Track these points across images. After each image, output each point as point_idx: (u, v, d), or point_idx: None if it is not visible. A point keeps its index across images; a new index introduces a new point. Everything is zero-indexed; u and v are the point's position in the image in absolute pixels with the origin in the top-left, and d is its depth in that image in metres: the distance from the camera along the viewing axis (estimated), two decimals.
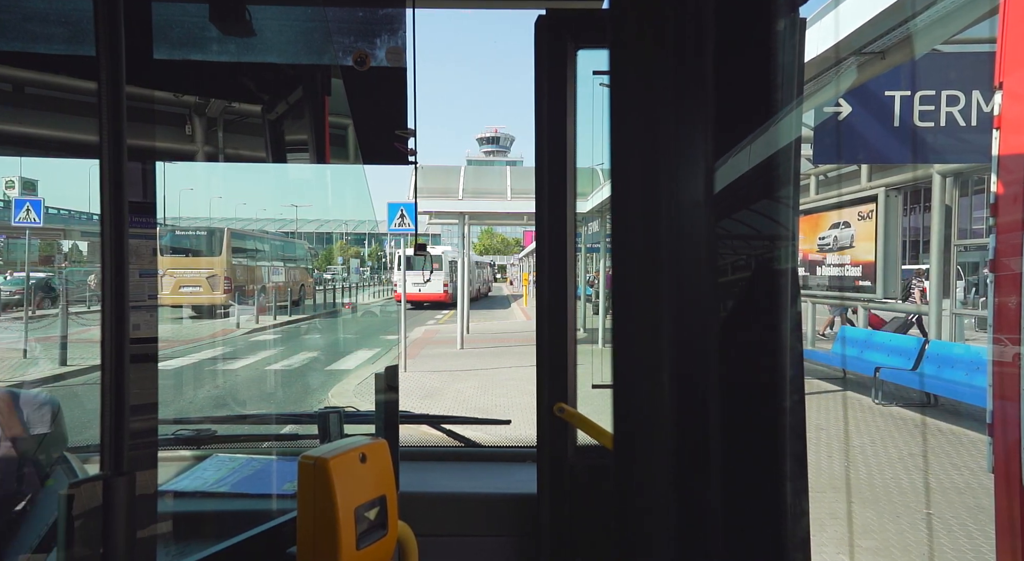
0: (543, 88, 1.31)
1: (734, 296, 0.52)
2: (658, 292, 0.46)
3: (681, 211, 0.46)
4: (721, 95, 0.47)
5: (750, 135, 0.50)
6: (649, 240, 0.46)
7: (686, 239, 0.46)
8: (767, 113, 0.50)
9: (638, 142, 0.46)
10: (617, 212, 0.47)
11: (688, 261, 0.46)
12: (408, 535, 1.07)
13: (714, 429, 0.47)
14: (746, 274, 0.53)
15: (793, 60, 0.54)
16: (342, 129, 1.26)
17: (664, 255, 0.46)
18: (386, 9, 1.18)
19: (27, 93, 1.13)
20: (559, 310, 1.37)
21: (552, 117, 1.32)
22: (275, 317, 15.48)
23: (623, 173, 0.47)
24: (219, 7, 1.07)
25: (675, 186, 0.46)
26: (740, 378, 0.50)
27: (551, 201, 1.37)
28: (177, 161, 1.17)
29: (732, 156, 0.49)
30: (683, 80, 0.46)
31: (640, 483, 0.47)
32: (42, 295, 15.97)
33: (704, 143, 0.46)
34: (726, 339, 0.49)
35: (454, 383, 8.71)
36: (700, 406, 0.46)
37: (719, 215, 0.48)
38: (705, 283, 0.47)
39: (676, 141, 0.46)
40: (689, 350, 0.46)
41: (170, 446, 1.57)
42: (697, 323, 0.47)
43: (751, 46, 0.50)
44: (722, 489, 0.47)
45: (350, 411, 1.61)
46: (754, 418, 0.50)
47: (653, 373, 0.46)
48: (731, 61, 0.48)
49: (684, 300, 0.46)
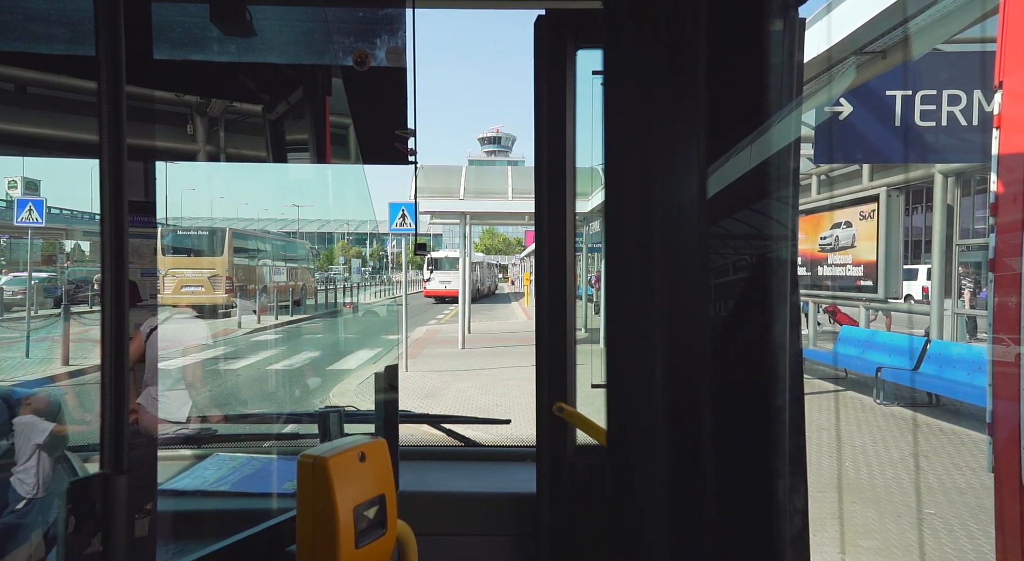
0: (543, 88, 1.31)
1: (729, 295, 0.52)
2: (651, 290, 0.46)
3: (675, 209, 0.46)
4: (716, 94, 0.47)
5: (747, 135, 0.50)
6: (643, 238, 0.46)
7: (680, 237, 0.46)
8: (763, 113, 0.50)
9: (632, 140, 0.47)
10: (611, 210, 0.47)
11: (682, 259, 0.46)
12: (407, 534, 1.07)
13: (708, 427, 0.47)
14: (743, 273, 0.53)
15: (791, 60, 0.54)
16: (342, 129, 1.27)
17: (657, 253, 0.46)
18: (386, 9, 1.18)
19: (28, 93, 1.13)
20: (559, 310, 1.37)
21: (552, 117, 1.32)
22: (276, 317, 15.49)
23: (617, 172, 0.47)
24: (220, 7, 1.08)
25: (669, 184, 0.46)
26: (735, 377, 0.50)
27: (550, 201, 1.37)
28: (178, 161, 1.17)
29: (730, 156, 0.49)
30: (678, 80, 0.46)
31: (634, 482, 0.47)
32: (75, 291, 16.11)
33: (698, 142, 0.46)
34: (721, 338, 0.49)
35: (455, 383, 8.71)
36: (694, 405, 0.46)
37: (714, 214, 0.48)
38: (699, 282, 0.47)
39: (670, 140, 0.46)
40: (683, 349, 0.46)
41: (171, 445, 1.58)
42: (691, 321, 0.47)
43: (747, 46, 0.50)
44: (717, 487, 0.47)
45: (350, 410, 1.61)
46: (750, 416, 0.50)
47: (646, 372, 0.46)
48: (727, 60, 0.48)
49: (677, 298, 0.46)
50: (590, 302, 16.87)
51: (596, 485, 1.35)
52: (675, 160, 0.45)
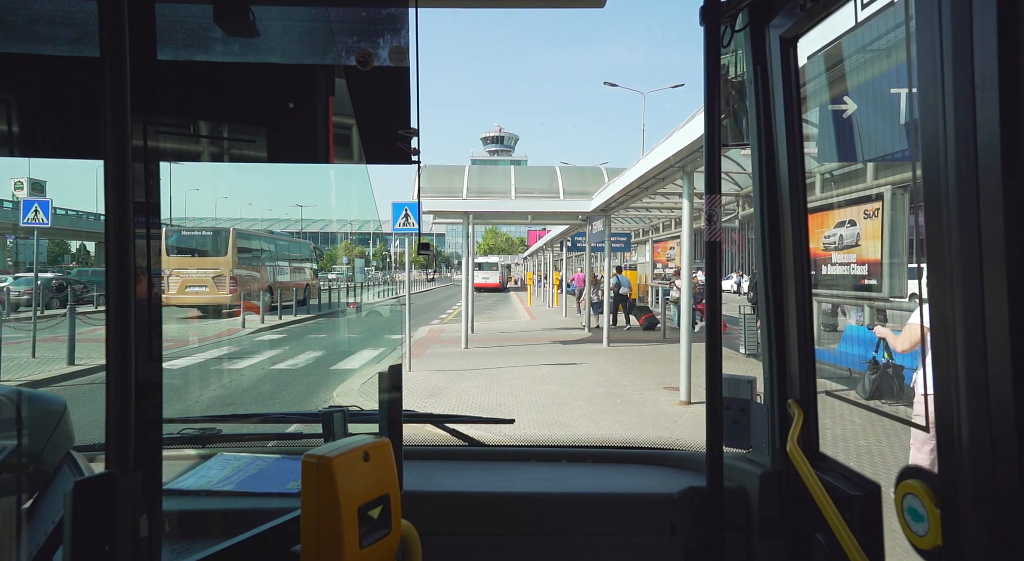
0: (756, 80, 1.30)
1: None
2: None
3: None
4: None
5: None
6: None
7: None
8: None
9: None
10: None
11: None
12: (412, 534, 1.07)
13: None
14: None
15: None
16: (346, 129, 1.27)
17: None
18: (389, 9, 1.18)
19: (33, 94, 1.14)
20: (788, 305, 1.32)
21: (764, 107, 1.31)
22: (280, 316, 15.53)
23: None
24: (223, 8, 1.08)
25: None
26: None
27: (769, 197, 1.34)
28: (182, 161, 1.17)
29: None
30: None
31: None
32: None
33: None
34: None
35: (458, 382, 8.72)
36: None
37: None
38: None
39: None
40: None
41: (175, 445, 1.58)
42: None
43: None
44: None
45: (354, 410, 1.61)
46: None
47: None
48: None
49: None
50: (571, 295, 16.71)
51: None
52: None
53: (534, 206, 13.91)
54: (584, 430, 6.26)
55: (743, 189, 13.32)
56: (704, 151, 1.34)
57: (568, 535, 1.39)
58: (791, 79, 1.28)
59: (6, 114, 1.12)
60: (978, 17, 0.70)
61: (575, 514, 1.40)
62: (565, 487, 1.47)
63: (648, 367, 10.02)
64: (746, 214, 14.30)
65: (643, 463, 1.68)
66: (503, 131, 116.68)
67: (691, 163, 7.92)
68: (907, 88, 0.88)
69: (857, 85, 3.42)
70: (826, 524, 1.15)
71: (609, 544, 1.39)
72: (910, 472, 0.88)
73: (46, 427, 1.13)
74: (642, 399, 7.72)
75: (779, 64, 1.28)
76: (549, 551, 1.39)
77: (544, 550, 1.39)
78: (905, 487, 0.88)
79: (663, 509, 1.40)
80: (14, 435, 1.09)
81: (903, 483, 0.88)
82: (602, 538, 1.39)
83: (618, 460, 1.70)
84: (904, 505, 0.88)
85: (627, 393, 8.06)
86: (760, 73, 1.32)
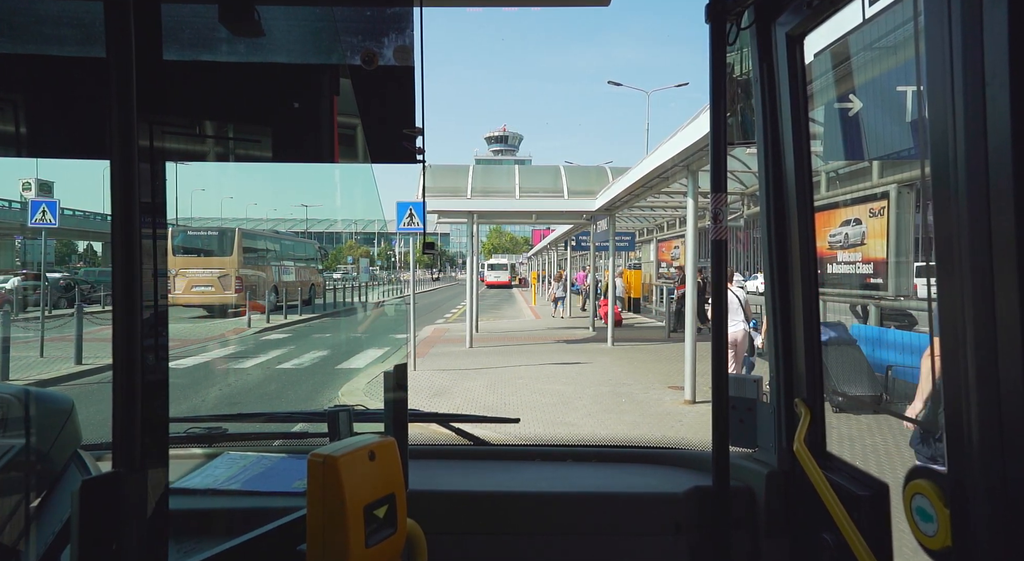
0: (762, 78, 1.30)
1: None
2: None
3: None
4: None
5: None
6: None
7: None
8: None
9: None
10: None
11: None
12: (417, 533, 1.07)
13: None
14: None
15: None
16: (350, 128, 1.27)
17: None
18: (393, 8, 1.18)
19: (40, 95, 1.14)
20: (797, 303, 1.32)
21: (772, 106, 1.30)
22: (286, 316, 15.58)
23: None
24: (228, 8, 1.08)
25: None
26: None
27: (775, 196, 1.33)
28: (187, 161, 1.18)
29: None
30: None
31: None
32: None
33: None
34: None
35: (463, 381, 8.72)
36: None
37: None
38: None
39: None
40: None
41: (181, 444, 1.59)
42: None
43: None
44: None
45: (359, 409, 1.61)
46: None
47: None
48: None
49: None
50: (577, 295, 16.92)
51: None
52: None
53: (538, 206, 13.91)
54: (589, 429, 6.25)
55: (748, 188, 13.28)
56: (710, 149, 1.33)
57: (573, 534, 1.39)
58: (797, 77, 1.27)
59: (13, 115, 1.12)
60: (988, 12, 0.69)
61: (580, 513, 1.40)
62: (570, 486, 1.47)
63: (652, 366, 10.01)
64: (751, 213, 14.26)
65: (648, 462, 1.68)
66: (507, 130, 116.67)
67: (696, 162, 7.89)
68: (914, 85, 0.87)
69: (864, 82, 3.38)
70: (833, 524, 1.14)
71: (614, 543, 1.38)
72: (919, 472, 0.87)
73: (54, 426, 1.14)
74: (647, 398, 7.71)
75: (785, 62, 1.27)
76: (554, 550, 1.39)
77: (549, 549, 1.39)
78: (914, 487, 0.87)
79: (668, 508, 1.39)
80: (22, 434, 1.09)
81: (912, 483, 0.88)
82: (607, 537, 1.39)
83: (623, 459, 1.70)
84: (913, 505, 0.87)
85: (632, 392, 8.04)
86: (766, 71, 1.32)
